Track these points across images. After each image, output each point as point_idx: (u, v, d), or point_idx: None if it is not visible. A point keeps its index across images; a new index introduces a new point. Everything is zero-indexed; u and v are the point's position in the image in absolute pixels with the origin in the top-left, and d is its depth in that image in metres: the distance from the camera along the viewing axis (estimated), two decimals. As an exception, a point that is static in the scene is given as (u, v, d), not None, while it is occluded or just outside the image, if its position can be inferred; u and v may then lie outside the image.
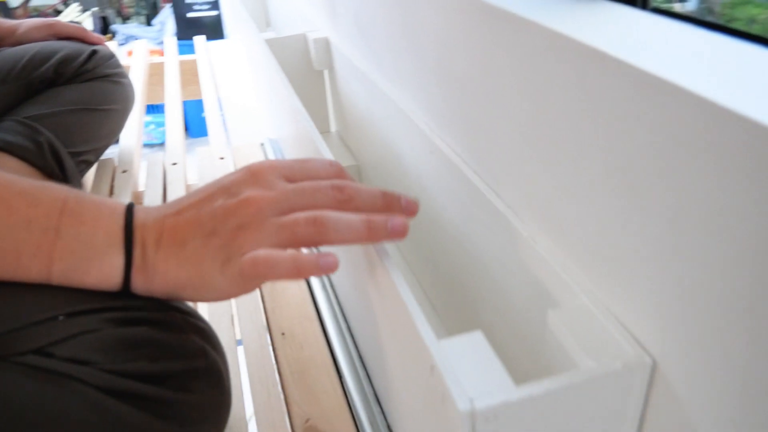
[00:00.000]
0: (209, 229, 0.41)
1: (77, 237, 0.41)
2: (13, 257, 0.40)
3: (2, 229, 0.39)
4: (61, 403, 0.38)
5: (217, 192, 0.42)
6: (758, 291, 0.27)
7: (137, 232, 0.42)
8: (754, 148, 0.25)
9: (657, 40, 0.34)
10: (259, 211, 0.40)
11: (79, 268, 0.41)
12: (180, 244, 0.41)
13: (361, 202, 0.41)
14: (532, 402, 0.33)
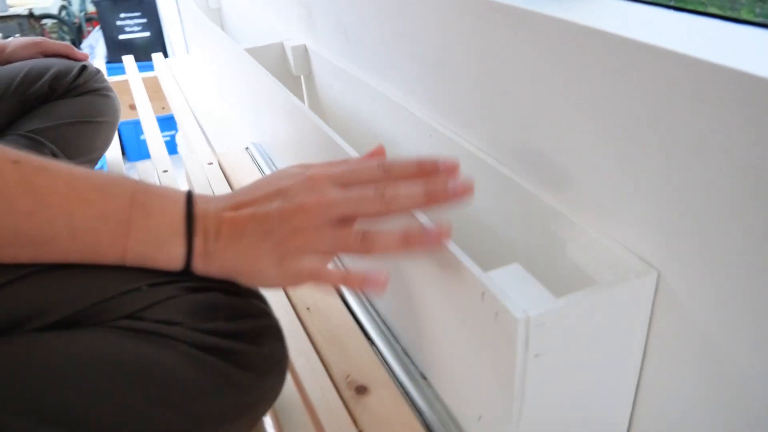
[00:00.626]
0: (267, 228, 0.46)
1: (146, 228, 0.46)
2: (92, 246, 0.45)
3: (83, 222, 0.44)
4: (158, 356, 0.43)
5: (274, 194, 0.47)
6: (737, 203, 0.36)
7: (198, 222, 0.47)
8: (728, 87, 0.34)
9: (637, 20, 0.43)
10: (314, 218, 0.46)
11: (148, 254, 0.46)
12: (238, 236, 0.47)
13: (402, 203, 0.47)
14: (570, 309, 0.41)
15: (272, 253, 0.46)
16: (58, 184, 0.44)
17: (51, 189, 0.43)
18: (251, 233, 0.46)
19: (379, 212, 0.47)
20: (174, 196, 0.48)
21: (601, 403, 0.48)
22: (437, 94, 0.68)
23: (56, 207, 0.43)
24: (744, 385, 0.40)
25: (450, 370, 0.54)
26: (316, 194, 0.47)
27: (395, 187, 0.47)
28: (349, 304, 0.70)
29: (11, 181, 0.41)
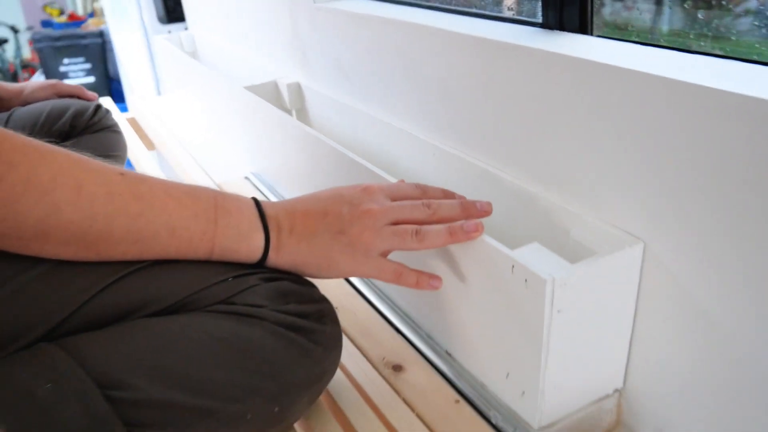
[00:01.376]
0: (337, 227, 0.57)
1: (230, 225, 0.55)
2: (187, 242, 0.54)
3: (180, 221, 0.53)
4: (250, 332, 0.52)
5: (339, 201, 0.58)
6: (705, 185, 0.49)
7: (271, 221, 0.57)
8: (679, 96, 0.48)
9: (604, 50, 0.57)
10: (378, 220, 0.57)
11: (232, 247, 0.56)
12: (311, 233, 0.57)
13: (445, 214, 0.59)
14: (582, 272, 0.53)
15: (346, 248, 0.56)
16: (157, 191, 0.53)
17: (152, 195, 0.52)
18: (324, 231, 0.56)
19: (425, 220, 0.58)
20: (246, 200, 0.58)
21: (604, 352, 0.60)
22: (439, 118, 0.81)
23: (158, 209, 0.52)
24: (721, 333, 0.52)
25: (474, 342, 0.65)
26: (376, 202, 0.58)
27: (438, 201, 0.59)
28: (371, 300, 0.80)
29: (121, 189, 0.50)
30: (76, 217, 0.48)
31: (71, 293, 0.49)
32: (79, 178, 0.48)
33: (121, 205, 0.50)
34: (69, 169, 0.48)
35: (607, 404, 0.63)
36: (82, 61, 4.91)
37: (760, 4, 0.64)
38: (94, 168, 0.50)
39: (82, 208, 0.48)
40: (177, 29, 1.87)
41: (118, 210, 0.50)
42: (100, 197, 0.48)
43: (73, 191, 0.47)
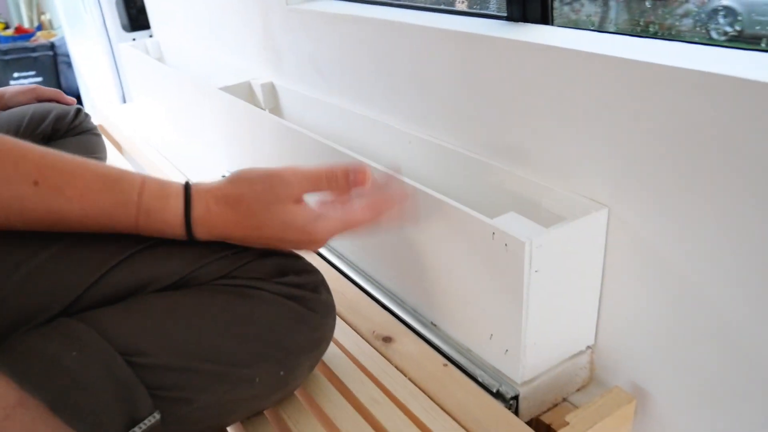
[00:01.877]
0: (278, 240, 0.57)
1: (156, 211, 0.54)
2: (109, 228, 0.53)
3: (95, 222, 0.52)
4: (253, 303, 0.56)
5: (276, 234, 0.57)
6: (660, 155, 0.55)
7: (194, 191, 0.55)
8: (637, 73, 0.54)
9: (565, 37, 0.63)
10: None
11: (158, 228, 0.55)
12: (239, 202, 0.55)
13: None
14: (555, 236, 0.59)
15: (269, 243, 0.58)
16: (74, 206, 0.51)
17: (68, 210, 0.50)
18: (241, 230, 0.56)
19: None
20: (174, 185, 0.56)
21: (576, 310, 0.66)
22: (413, 107, 0.86)
23: (74, 221, 0.51)
24: (684, 284, 0.59)
25: (458, 310, 0.70)
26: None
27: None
28: (357, 281, 0.85)
29: (32, 203, 0.49)
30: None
31: (83, 273, 0.52)
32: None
33: (36, 219, 0.50)
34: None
35: (581, 360, 0.69)
36: (33, 75, 4.80)
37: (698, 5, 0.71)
38: (6, 176, 0.48)
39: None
40: (141, 37, 1.88)
41: (34, 223, 0.51)
42: (13, 213, 0.49)
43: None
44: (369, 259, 0.86)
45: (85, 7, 2.27)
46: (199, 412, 0.52)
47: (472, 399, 0.64)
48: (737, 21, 0.63)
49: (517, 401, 0.65)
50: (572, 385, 0.70)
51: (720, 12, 0.68)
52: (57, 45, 4.66)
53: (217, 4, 1.34)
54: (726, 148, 0.51)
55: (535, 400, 0.66)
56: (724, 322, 0.56)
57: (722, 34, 0.67)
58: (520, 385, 0.65)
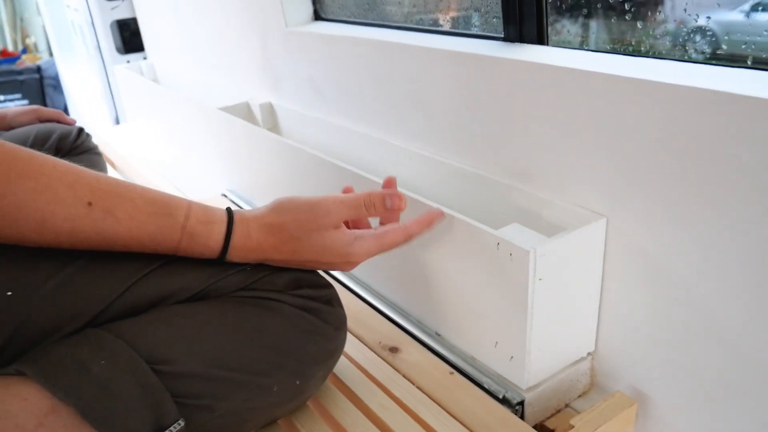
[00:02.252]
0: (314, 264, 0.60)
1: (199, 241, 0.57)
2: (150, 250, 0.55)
3: (146, 243, 0.55)
4: (271, 315, 0.58)
5: (315, 257, 0.59)
6: (654, 168, 0.59)
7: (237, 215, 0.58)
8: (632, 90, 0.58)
9: (561, 57, 0.67)
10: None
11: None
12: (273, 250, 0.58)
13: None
14: (557, 245, 0.61)
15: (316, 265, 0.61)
16: (122, 227, 0.53)
17: (115, 232, 0.52)
18: (284, 257, 0.59)
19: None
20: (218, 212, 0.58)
21: (577, 317, 0.68)
22: (412, 125, 0.89)
23: (120, 245, 0.53)
24: (680, 289, 0.62)
25: (462, 320, 0.72)
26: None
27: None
28: (361, 295, 0.87)
29: (84, 225, 0.51)
30: (42, 242, 0.51)
31: (109, 286, 0.54)
32: (44, 212, 0.49)
33: (85, 240, 0.52)
34: (35, 201, 0.48)
35: (582, 367, 0.72)
36: (19, 98, 4.80)
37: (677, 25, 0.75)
38: (62, 198, 0.49)
39: (46, 237, 0.51)
40: (135, 59, 1.90)
41: (82, 242, 0.52)
42: (64, 232, 0.51)
43: (38, 224, 0.49)
44: (372, 272, 0.88)
45: (76, 31, 2.30)
46: (219, 419, 0.54)
47: (480, 405, 0.66)
48: (714, 41, 0.67)
49: (522, 407, 0.67)
50: (574, 391, 0.72)
51: (697, 32, 0.72)
52: (43, 68, 4.67)
53: (213, 27, 1.37)
54: (717, 159, 0.54)
55: (540, 405, 0.68)
56: (722, 325, 0.59)
57: (700, 53, 0.71)
58: (525, 391, 0.67)
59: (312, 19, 1.13)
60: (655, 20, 0.72)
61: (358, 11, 1.07)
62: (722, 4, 0.63)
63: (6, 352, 0.50)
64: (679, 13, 0.66)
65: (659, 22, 0.74)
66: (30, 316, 0.51)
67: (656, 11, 0.69)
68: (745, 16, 0.62)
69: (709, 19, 0.63)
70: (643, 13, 0.70)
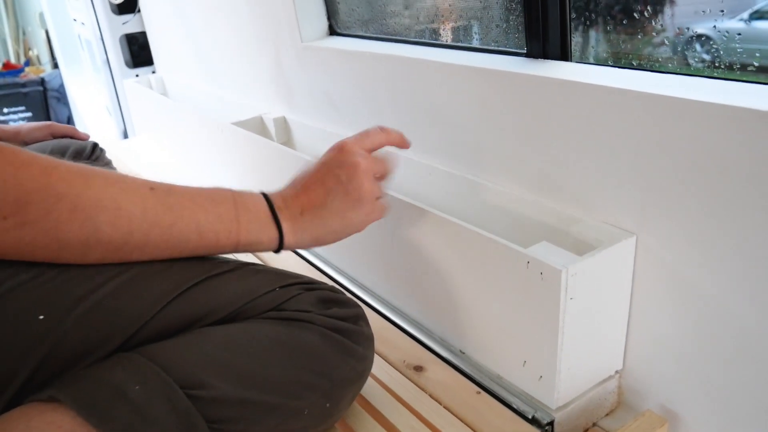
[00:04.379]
0: (342, 191, 0.62)
1: (250, 221, 0.60)
2: (214, 242, 0.58)
3: (207, 224, 0.57)
4: (302, 335, 0.58)
5: (329, 167, 0.64)
6: (684, 185, 0.58)
7: (281, 212, 0.62)
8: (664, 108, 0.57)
9: (587, 73, 0.67)
10: (367, 171, 0.63)
11: (254, 240, 0.60)
12: (320, 206, 0.63)
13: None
14: (588, 264, 0.61)
15: (356, 203, 0.63)
16: (185, 200, 0.57)
17: (181, 205, 0.57)
18: (332, 199, 0.63)
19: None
20: (256, 196, 0.63)
21: (606, 335, 0.68)
22: (432, 140, 0.89)
23: (187, 218, 0.57)
24: (710, 306, 0.61)
25: (488, 338, 0.72)
26: (358, 156, 0.64)
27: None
28: (382, 312, 0.86)
29: (153, 203, 0.55)
30: (116, 235, 0.52)
31: (141, 308, 0.53)
32: (118, 200, 0.52)
33: (155, 218, 0.54)
34: (108, 191, 0.52)
35: (610, 385, 0.71)
36: (23, 110, 4.81)
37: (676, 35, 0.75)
38: (129, 186, 0.54)
39: (121, 226, 0.52)
40: (144, 73, 1.90)
41: (152, 224, 0.54)
42: (137, 215, 0.53)
43: (113, 212, 0.51)
44: (394, 289, 0.87)
45: (83, 45, 2.30)
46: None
47: (509, 425, 0.65)
48: (713, 49, 0.67)
49: (552, 427, 0.66)
50: (602, 409, 0.71)
51: (697, 41, 0.72)
52: (47, 80, 4.68)
53: (224, 41, 1.37)
54: (749, 176, 0.54)
55: (569, 425, 0.67)
56: (752, 343, 0.59)
57: (700, 62, 0.71)
58: (554, 411, 0.66)
59: (327, 34, 1.13)
60: (681, 33, 0.72)
61: (375, 26, 1.07)
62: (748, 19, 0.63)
63: (37, 376, 0.49)
64: (708, 27, 0.66)
65: (656, 31, 0.74)
66: (62, 340, 0.50)
67: (679, 25, 0.69)
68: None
69: (740, 35, 0.63)
70: (666, 26, 0.70)
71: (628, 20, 0.74)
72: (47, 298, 0.51)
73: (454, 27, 0.97)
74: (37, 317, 0.50)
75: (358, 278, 0.95)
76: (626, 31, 0.75)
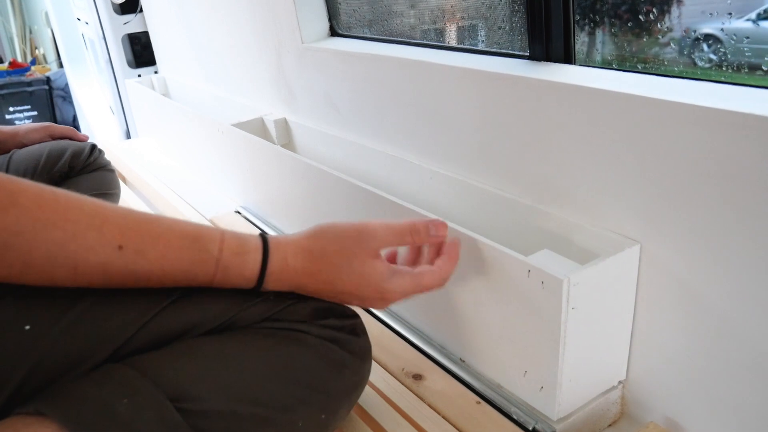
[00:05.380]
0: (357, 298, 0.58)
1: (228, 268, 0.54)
2: (185, 283, 0.54)
3: (180, 276, 0.53)
4: (297, 347, 0.56)
5: (351, 283, 0.57)
6: (689, 193, 0.57)
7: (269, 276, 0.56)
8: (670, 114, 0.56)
9: (591, 76, 0.65)
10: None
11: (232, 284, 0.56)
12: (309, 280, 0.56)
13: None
14: (591, 272, 0.59)
15: (352, 300, 0.59)
16: (155, 267, 0.51)
17: (149, 271, 0.51)
18: (324, 290, 0.58)
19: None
20: (252, 248, 0.55)
21: (609, 345, 0.66)
22: (433, 144, 0.87)
23: (155, 281, 0.52)
24: (715, 317, 0.60)
25: (488, 347, 0.70)
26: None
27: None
28: (382, 318, 0.85)
29: (117, 268, 0.49)
30: (76, 285, 0.50)
31: (130, 317, 0.52)
32: (75, 260, 0.48)
33: (119, 281, 0.51)
34: (66, 249, 0.47)
35: (613, 395, 0.69)
36: (28, 109, 4.82)
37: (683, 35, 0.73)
38: (91, 243, 0.48)
39: (80, 282, 0.49)
40: (146, 73, 1.90)
41: (116, 284, 0.51)
42: (97, 276, 0.49)
43: (70, 271, 0.48)
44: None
45: (86, 44, 2.29)
46: (243, 457, 0.52)
47: (509, 437, 0.63)
48: (721, 49, 0.66)
49: (553, 438, 0.65)
50: (604, 420, 0.70)
51: (704, 41, 0.71)
52: (52, 79, 4.68)
53: (226, 42, 1.36)
54: (758, 185, 0.52)
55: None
56: (759, 355, 0.57)
57: (707, 62, 0.69)
58: (555, 422, 0.65)
59: (328, 35, 1.12)
60: (688, 35, 0.70)
61: (376, 28, 1.06)
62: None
63: (24, 388, 0.48)
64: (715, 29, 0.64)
65: (663, 32, 0.72)
66: (49, 351, 0.49)
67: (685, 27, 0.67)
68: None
69: (748, 39, 0.61)
70: (673, 28, 0.68)
71: (634, 21, 0.72)
72: (33, 308, 0.50)
73: (454, 28, 0.95)
74: (23, 327, 0.49)
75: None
76: (632, 32, 0.73)
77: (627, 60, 0.73)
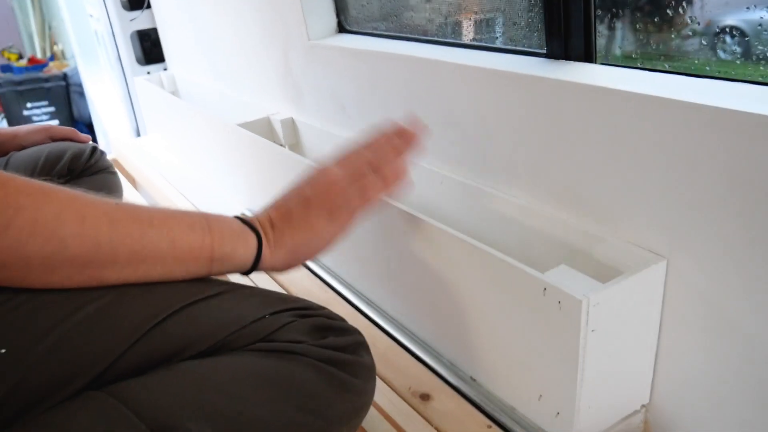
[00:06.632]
0: (308, 203, 0.60)
1: (223, 229, 0.56)
2: (188, 252, 0.54)
3: (179, 233, 0.54)
4: (292, 368, 0.52)
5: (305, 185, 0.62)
6: (717, 206, 0.51)
7: (253, 222, 0.59)
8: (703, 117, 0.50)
9: (613, 77, 0.60)
10: (342, 185, 0.61)
11: (230, 251, 0.56)
12: (288, 218, 0.60)
13: (385, 168, 0.64)
14: (612, 291, 0.54)
15: (321, 212, 0.60)
16: (153, 212, 0.54)
17: (149, 216, 0.53)
18: (297, 213, 0.60)
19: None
20: (225, 215, 0.59)
21: (632, 368, 0.61)
22: (445, 147, 0.82)
23: (156, 227, 0.53)
24: (746, 340, 0.54)
25: (501, 366, 0.65)
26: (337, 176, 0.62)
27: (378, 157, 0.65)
28: (388, 331, 0.81)
29: (121, 215, 0.51)
30: (82, 250, 0.48)
31: (115, 340, 0.49)
32: (82, 212, 0.49)
33: (123, 229, 0.51)
34: (71, 204, 0.48)
35: (635, 420, 0.64)
36: (46, 105, 4.84)
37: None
38: (93, 200, 0.51)
39: (87, 239, 0.48)
40: (156, 70, 1.87)
41: (121, 234, 0.50)
42: (104, 226, 0.49)
43: (78, 224, 0.48)
44: (402, 307, 0.81)
45: (99, 40, 2.27)
46: (233, 491, 0.48)
47: (523, 466, 0.59)
48: (744, 41, 0.60)
49: (570, 468, 0.60)
50: (626, 446, 0.65)
51: (727, 32, 0.65)
52: (69, 75, 4.69)
53: (233, 39, 1.32)
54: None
55: (589, 465, 0.61)
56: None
57: (730, 54, 0.64)
58: (572, 451, 0.60)
59: (336, 32, 1.07)
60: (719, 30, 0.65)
61: (386, 24, 1.01)
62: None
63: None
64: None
65: (684, 24, 0.67)
66: (25, 377, 0.46)
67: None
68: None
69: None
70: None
71: (659, 15, 0.67)
72: (9, 331, 0.47)
73: (467, 24, 0.90)
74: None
75: (364, 293, 0.89)
76: (657, 27, 0.68)
77: (653, 58, 0.68)
